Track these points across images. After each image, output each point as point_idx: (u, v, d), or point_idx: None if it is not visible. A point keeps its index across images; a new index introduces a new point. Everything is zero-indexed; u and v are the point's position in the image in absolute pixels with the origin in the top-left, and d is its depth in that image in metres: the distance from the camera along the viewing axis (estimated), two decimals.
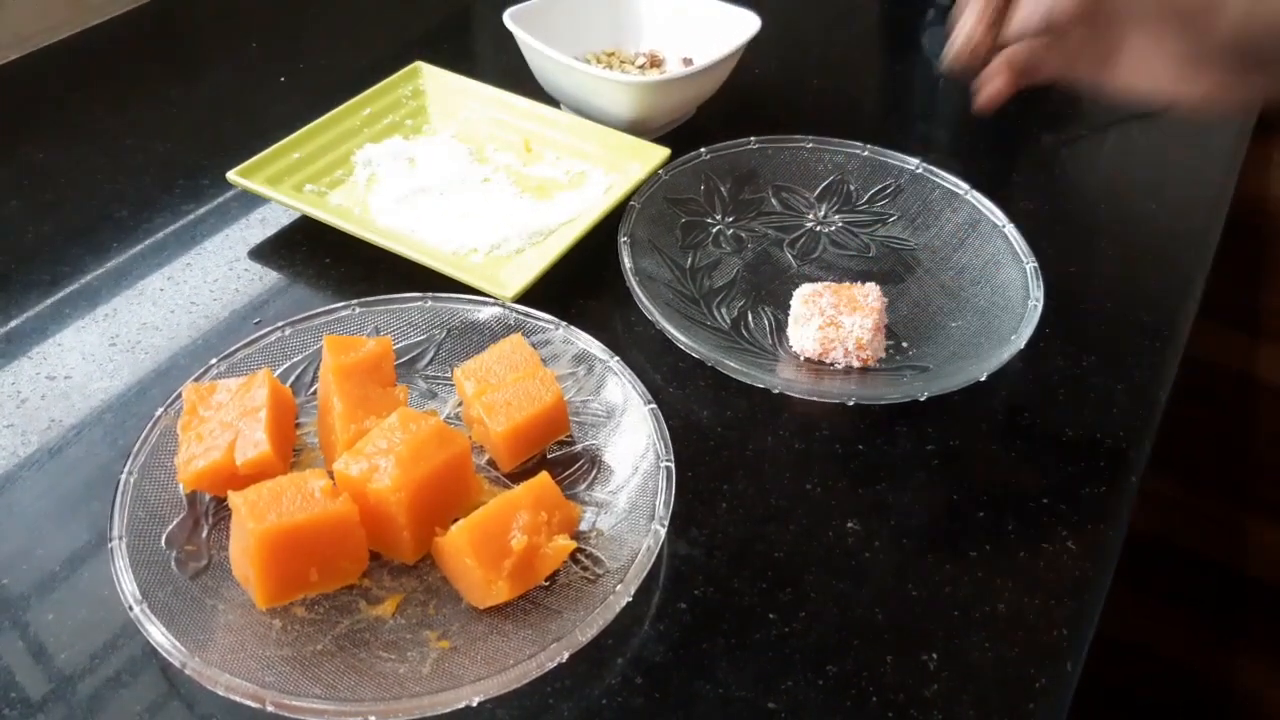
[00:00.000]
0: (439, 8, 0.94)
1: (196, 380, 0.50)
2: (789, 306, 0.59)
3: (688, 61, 0.77)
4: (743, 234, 0.66)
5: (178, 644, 0.40)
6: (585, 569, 0.46)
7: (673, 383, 0.57)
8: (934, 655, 0.45)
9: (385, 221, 0.64)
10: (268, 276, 0.63)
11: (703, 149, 0.67)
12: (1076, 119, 0.83)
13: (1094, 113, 0.84)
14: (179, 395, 0.49)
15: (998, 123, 0.81)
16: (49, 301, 0.61)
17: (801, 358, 0.58)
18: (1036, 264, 0.59)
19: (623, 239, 0.60)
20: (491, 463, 0.51)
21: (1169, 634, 1.14)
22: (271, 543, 0.42)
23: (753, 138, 0.68)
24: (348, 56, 0.85)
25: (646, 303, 0.56)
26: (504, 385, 0.50)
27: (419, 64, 0.75)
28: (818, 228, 0.67)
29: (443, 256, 0.61)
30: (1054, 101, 0.85)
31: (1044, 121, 0.81)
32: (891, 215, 0.67)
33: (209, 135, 0.75)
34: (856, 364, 0.57)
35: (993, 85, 0.52)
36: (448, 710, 0.39)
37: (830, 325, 0.56)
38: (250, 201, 0.68)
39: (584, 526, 0.48)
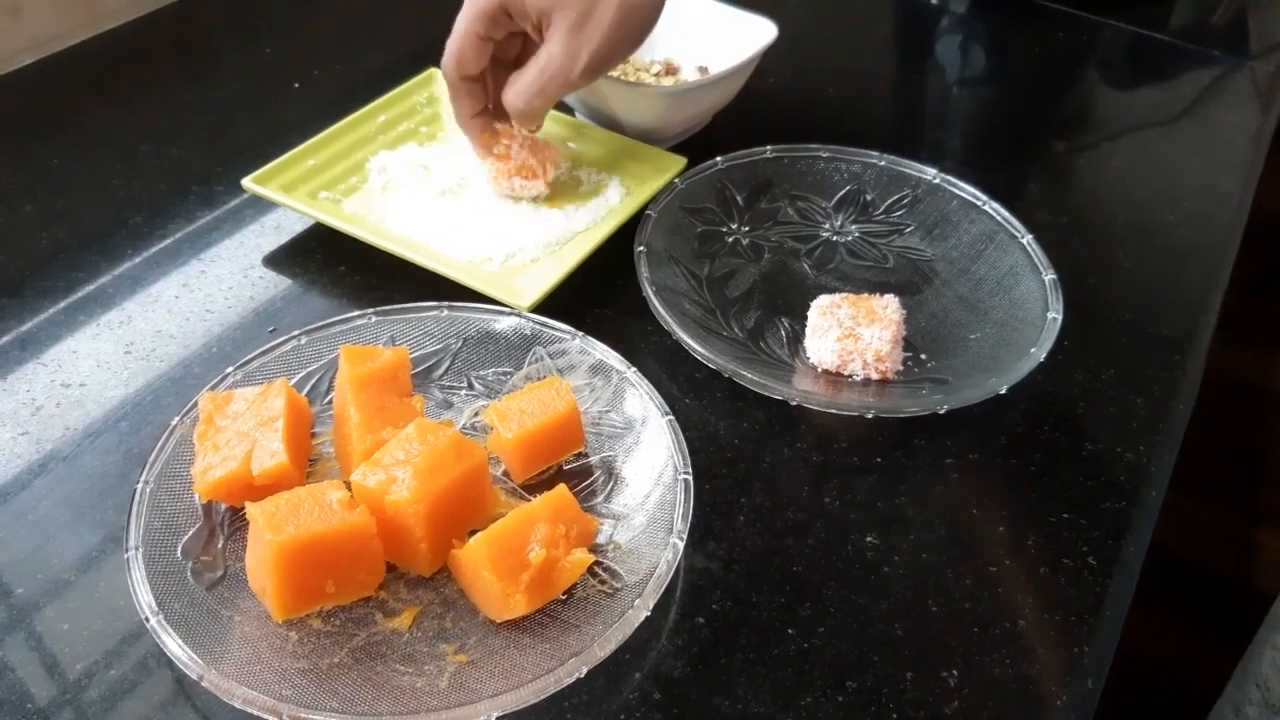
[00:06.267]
0: (455, 14, 0.93)
1: (212, 389, 0.50)
2: (806, 317, 0.59)
3: (703, 70, 0.77)
4: (759, 244, 0.66)
5: (194, 656, 0.40)
6: (603, 582, 0.45)
7: (689, 394, 0.56)
8: (954, 672, 0.45)
9: (400, 229, 0.64)
10: (282, 284, 0.63)
11: (718, 158, 0.67)
12: (1091, 126, 0.82)
13: (1108, 119, 0.83)
14: (195, 404, 0.49)
15: (1013, 131, 0.81)
16: (63, 307, 0.60)
17: (819, 369, 0.57)
18: (1055, 276, 0.58)
19: (639, 248, 0.59)
20: (509, 474, 0.51)
21: (1176, 647, 1.13)
22: (289, 554, 0.41)
23: (768, 147, 0.68)
24: (363, 63, 0.85)
25: (663, 313, 0.56)
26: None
27: (434, 70, 0.75)
28: (834, 238, 0.67)
29: (458, 265, 0.61)
30: (1067, 108, 0.85)
31: (1057, 129, 0.81)
32: (909, 226, 0.67)
33: (223, 141, 0.75)
34: (875, 376, 0.56)
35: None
36: None
37: (849, 337, 0.56)
38: (264, 208, 0.68)
39: (601, 539, 0.47)
